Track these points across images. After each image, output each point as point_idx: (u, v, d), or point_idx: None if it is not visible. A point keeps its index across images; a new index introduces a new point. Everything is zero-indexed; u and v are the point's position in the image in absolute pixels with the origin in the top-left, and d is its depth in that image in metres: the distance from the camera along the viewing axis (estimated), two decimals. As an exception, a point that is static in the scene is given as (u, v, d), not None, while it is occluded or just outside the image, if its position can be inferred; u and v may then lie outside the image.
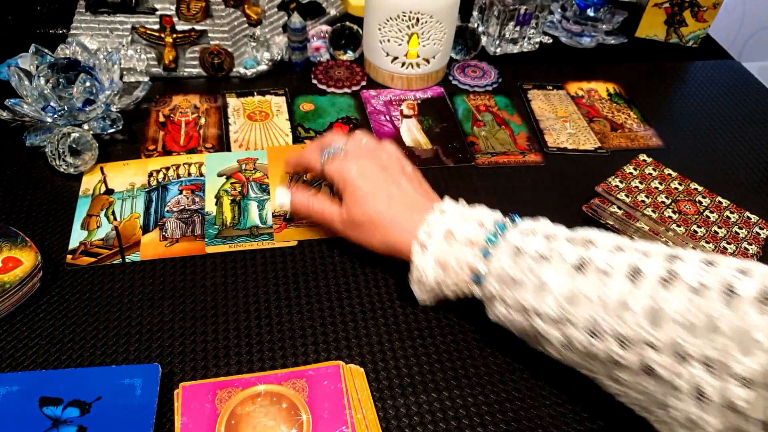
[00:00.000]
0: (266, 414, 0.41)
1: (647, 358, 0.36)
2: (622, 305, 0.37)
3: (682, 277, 0.36)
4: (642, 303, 0.37)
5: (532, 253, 0.42)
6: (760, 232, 0.56)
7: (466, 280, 0.45)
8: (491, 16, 0.81)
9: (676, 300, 0.36)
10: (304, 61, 0.75)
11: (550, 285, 0.40)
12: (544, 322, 0.41)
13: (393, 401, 0.44)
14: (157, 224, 0.55)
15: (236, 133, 0.66)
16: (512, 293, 0.42)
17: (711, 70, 0.83)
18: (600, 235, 0.42)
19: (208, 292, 0.50)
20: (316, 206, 0.52)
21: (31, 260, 0.48)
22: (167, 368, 0.45)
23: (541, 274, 0.41)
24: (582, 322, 0.39)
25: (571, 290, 0.39)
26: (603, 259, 0.39)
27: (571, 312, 0.39)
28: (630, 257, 0.39)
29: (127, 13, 0.70)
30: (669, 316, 0.36)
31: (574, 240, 0.42)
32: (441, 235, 0.45)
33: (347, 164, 0.50)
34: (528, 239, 0.43)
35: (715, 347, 0.34)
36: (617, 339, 0.37)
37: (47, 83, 0.58)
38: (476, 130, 0.70)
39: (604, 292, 0.38)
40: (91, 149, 0.59)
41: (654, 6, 0.85)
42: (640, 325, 0.36)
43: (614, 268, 0.39)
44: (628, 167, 0.61)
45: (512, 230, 0.44)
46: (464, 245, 0.45)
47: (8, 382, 0.42)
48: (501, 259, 0.43)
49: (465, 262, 0.44)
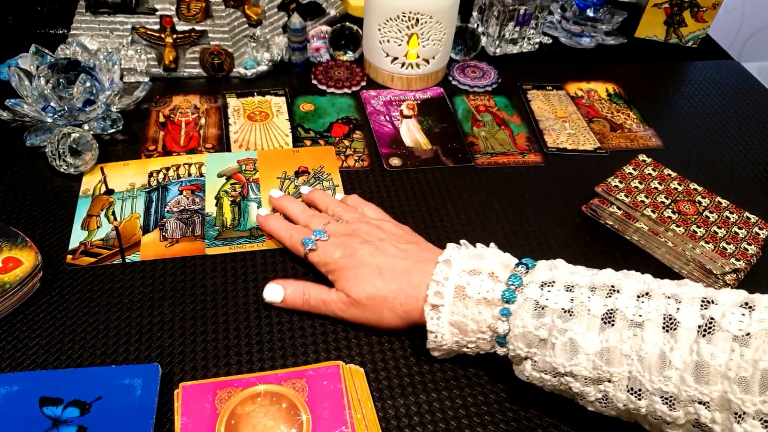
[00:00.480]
0: (266, 414, 0.41)
1: (698, 415, 0.35)
2: (663, 361, 0.35)
3: (722, 325, 0.34)
4: (683, 357, 0.35)
5: (555, 309, 0.39)
6: (760, 232, 0.56)
7: (488, 340, 0.42)
8: (491, 16, 0.81)
9: (720, 352, 0.34)
10: (304, 61, 0.75)
11: (580, 343, 0.37)
12: (579, 383, 0.38)
13: (393, 401, 0.44)
14: (157, 224, 0.55)
15: (236, 133, 0.66)
16: (540, 354, 0.39)
17: (710, 71, 0.83)
18: (622, 278, 0.40)
19: (208, 292, 0.51)
20: (314, 298, 0.48)
21: (31, 260, 0.48)
22: (167, 368, 0.45)
23: (569, 332, 0.38)
24: (622, 380, 0.37)
25: (605, 347, 0.37)
26: (632, 308, 0.37)
27: (607, 371, 0.37)
28: (660, 304, 0.37)
29: (127, 13, 0.70)
30: (716, 371, 0.34)
31: (596, 288, 0.39)
32: (452, 293, 0.42)
33: (328, 250, 0.49)
34: (548, 293, 0.40)
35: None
36: (662, 397, 0.35)
37: (47, 83, 0.58)
38: (476, 131, 0.70)
39: (641, 346, 0.36)
40: (92, 149, 0.59)
41: (653, 6, 0.85)
42: (685, 381, 0.34)
43: (647, 318, 0.36)
44: (628, 167, 0.61)
45: (530, 283, 0.41)
46: (480, 304, 0.41)
47: (8, 382, 0.42)
48: (523, 318, 0.40)
49: (484, 323, 0.41)
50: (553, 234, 0.58)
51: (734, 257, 0.53)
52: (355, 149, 0.65)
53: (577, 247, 0.57)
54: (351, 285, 0.47)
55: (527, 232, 0.58)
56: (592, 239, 0.58)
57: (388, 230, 0.50)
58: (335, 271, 0.48)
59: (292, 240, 0.52)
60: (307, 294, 0.48)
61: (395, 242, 0.48)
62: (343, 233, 0.50)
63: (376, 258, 0.47)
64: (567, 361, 0.38)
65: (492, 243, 0.47)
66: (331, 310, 0.48)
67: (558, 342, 0.38)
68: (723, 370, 0.34)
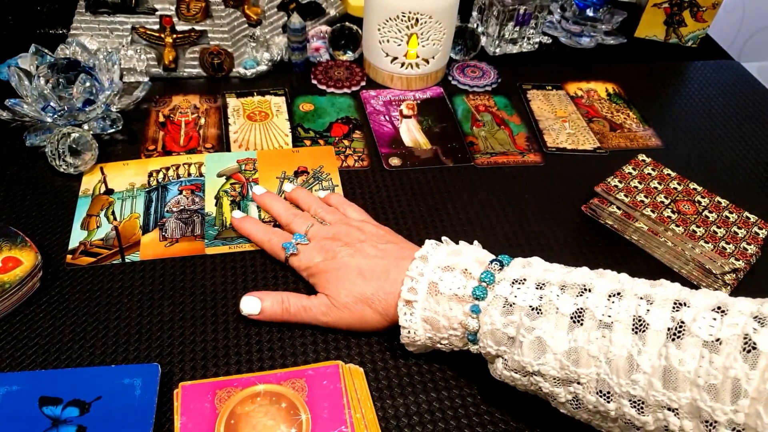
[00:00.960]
0: (266, 414, 0.41)
1: (666, 422, 0.34)
2: (631, 364, 0.35)
3: (693, 329, 0.33)
4: (652, 361, 0.34)
5: (524, 306, 0.38)
6: (759, 232, 0.56)
7: (460, 337, 0.42)
8: (491, 16, 0.81)
9: (689, 357, 0.33)
10: (303, 61, 0.75)
11: (547, 342, 0.37)
12: (548, 383, 0.38)
13: (392, 401, 0.44)
14: (157, 224, 0.55)
15: (236, 133, 0.66)
16: (509, 352, 0.39)
17: (710, 71, 0.83)
18: (595, 277, 0.39)
19: (208, 292, 0.51)
20: (295, 306, 0.47)
21: (31, 260, 0.48)
22: (167, 368, 0.45)
23: (537, 330, 0.37)
24: (590, 382, 0.36)
25: (572, 347, 0.36)
26: (602, 308, 0.36)
27: (576, 372, 0.36)
28: (631, 305, 0.36)
29: (127, 13, 0.70)
30: (685, 377, 0.33)
31: (567, 286, 0.38)
32: (426, 289, 0.42)
33: (309, 254, 0.49)
34: (518, 291, 0.39)
35: (745, 413, 0.31)
36: (630, 401, 0.35)
37: (47, 83, 0.58)
38: (475, 131, 0.70)
39: (609, 348, 0.35)
40: (91, 149, 0.59)
41: (653, 6, 0.85)
42: (653, 386, 0.34)
43: (615, 320, 0.36)
44: (627, 167, 0.61)
45: (501, 281, 0.40)
46: (451, 301, 0.41)
47: (8, 381, 0.42)
48: (492, 315, 0.39)
49: (455, 319, 0.41)
50: (552, 234, 0.58)
51: (734, 257, 0.53)
52: (354, 149, 0.65)
53: (576, 247, 0.57)
54: (332, 287, 0.47)
55: (527, 232, 0.58)
56: (592, 239, 0.58)
57: (368, 231, 0.50)
58: (316, 274, 0.48)
59: (271, 244, 0.52)
60: (287, 303, 0.47)
61: (375, 243, 0.49)
62: (324, 236, 0.50)
63: (356, 259, 0.47)
64: (535, 360, 0.37)
65: (476, 241, 0.48)
66: (313, 316, 0.47)
67: (525, 340, 0.38)
68: (692, 376, 0.33)
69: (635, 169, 0.61)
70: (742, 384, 0.31)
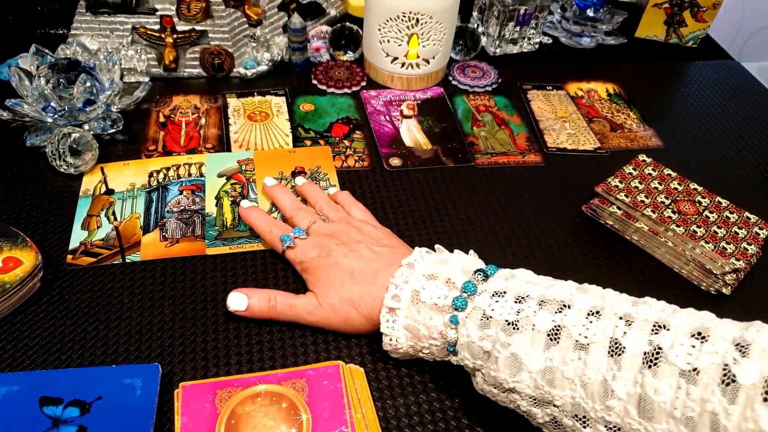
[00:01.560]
0: (266, 414, 0.41)
1: None
2: (606, 390, 0.33)
3: (670, 357, 0.32)
4: (627, 388, 0.33)
5: (500, 321, 0.37)
6: (760, 232, 0.56)
7: (440, 347, 0.41)
8: (491, 16, 0.81)
9: (665, 387, 0.31)
10: (304, 61, 0.75)
11: (522, 360, 0.36)
12: (525, 401, 0.37)
13: (393, 401, 0.44)
14: (157, 224, 0.55)
15: (236, 133, 0.66)
16: (486, 367, 0.38)
17: (710, 71, 0.84)
18: (577, 293, 0.38)
19: (208, 292, 0.51)
20: (281, 304, 0.47)
21: (31, 260, 0.48)
22: (167, 368, 0.45)
23: (512, 346, 0.36)
24: (566, 406, 0.35)
25: (547, 367, 0.35)
26: (579, 327, 0.35)
27: (551, 393, 0.35)
28: (609, 325, 0.35)
29: (127, 13, 0.70)
30: (660, 407, 0.31)
31: (546, 302, 0.37)
32: (408, 296, 0.42)
33: (305, 249, 0.50)
34: (497, 304, 0.38)
35: None
36: (606, 427, 0.34)
37: (47, 83, 0.58)
38: (476, 131, 0.70)
39: (584, 371, 0.34)
40: (92, 149, 0.59)
41: (654, 6, 0.85)
42: (629, 414, 0.32)
43: (592, 341, 0.34)
44: (628, 167, 0.61)
45: (482, 292, 0.39)
46: (432, 310, 0.41)
47: (8, 381, 0.42)
48: (469, 328, 0.38)
49: (435, 329, 0.40)
50: (552, 234, 0.58)
51: (734, 257, 0.53)
52: (355, 149, 0.65)
53: (576, 247, 0.57)
54: (323, 285, 0.47)
55: (527, 232, 0.58)
56: (592, 239, 0.58)
57: (367, 232, 0.50)
58: (309, 269, 0.49)
59: (271, 235, 0.52)
60: (273, 300, 0.47)
61: (371, 245, 0.49)
62: (322, 233, 0.50)
63: (349, 259, 0.47)
64: (510, 377, 0.36)
65: (471, 251, 0.47)
66: (299, 314, 0.47)
67: (501, 356, 0.37)
68: (668, 408, 0.31)
69: (636, 170, 0.61)
70: (720, 419, 0.30)
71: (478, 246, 0.55)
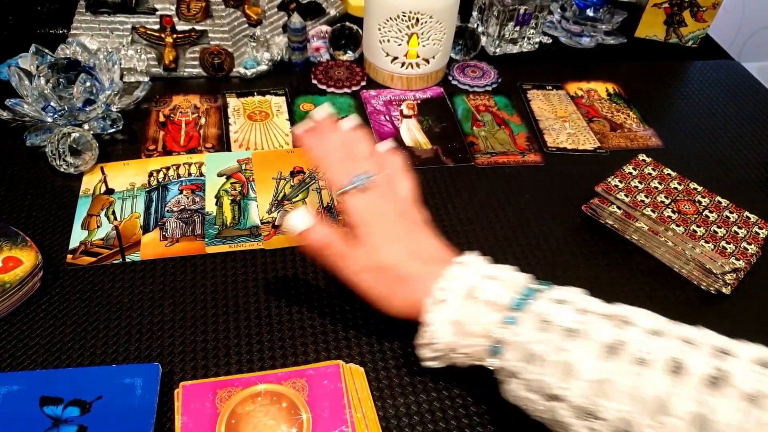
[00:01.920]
0: (266, 413, 0.41)
1: None
2: (661, 406, 0.32)
3: (734, 380, 0.32)
4: (686, 406, 0.32)
5: (560, 326, 0.37)
6: (760, 231, 0.56)
7: (482, 348, 0.40)
8: (491, 16, 0.81)
9: (729, 409, 0.31)
10: (304, 61, 0.76)
11: (577, 367, 0.35)
12: (567, 411, 0.36)
13: (393, 401, 0.44)
14: (157, 224, 0.55)
15: (236, 133, 0.66)
16: (533, 371, 0.37)
17: (710, 70, 0.84)
18: (638, 312, 0.37)
19: (208, 291, 0.51)
20: (336, 246, 0.43)
21: (31, 260, 0.48)
22: (167, 368, 0.45)
23: (568, 353, 0.36)
24: (612, 419, 0.34)
25: (603, 377, 0.34)
26: (639, 343, 0.35)
27: (600, 404, 0.34)
28: (671, 345, 0.34)
29: (127, 13, 0.70)
30: (721, 429, 0.31)
31: (610, 316, 0.37)
32: (462, 291, 0.40)
33: (367, 202, 0.44)
34: (558, 310, 0.38)
35: None
36: None
37: (47, 83, 0.58)
38: (476, 130, 0.70)
39: (640, 385, 0.33)
40: (92, 149, 0.59)
41: (653, 6, 0.85)
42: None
43: (652, 357, 0.34)
44: (628, 167, 0.61)
45: (542, 298, 0.39)
46: (486, 306, 0.39)
47: (9, 381, 0.42)
48: (525, 329, 0.38)
49: (485, 326, 0.39)
50: (552, 234, 0.58)
51: (734, 257, 0.53)
52: (355, 149, 0.65)
53: (576, 247, 0.57)
54: (381, 243, 0.43)
55: (527, 231, 0.58)
56: (592, 239, 0.58)
57: (420, 218, 0.46)
58: (371, 223, 0.44)
59: (342, 167, 0.45)
60: (332, 237, 0.43)
61: (424, 230, 0.45)
62: (384, 194, 0.45)
63: (410, 238, 0.44)
64: (558, 382, 0.36)
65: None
66: (346, 267, 0.43)
67: (553, 361, 0.36)
68: (729, 430, 0.31)
69: (635, 169, 0.61)
70: None
71: (478, 246, 0.55)
